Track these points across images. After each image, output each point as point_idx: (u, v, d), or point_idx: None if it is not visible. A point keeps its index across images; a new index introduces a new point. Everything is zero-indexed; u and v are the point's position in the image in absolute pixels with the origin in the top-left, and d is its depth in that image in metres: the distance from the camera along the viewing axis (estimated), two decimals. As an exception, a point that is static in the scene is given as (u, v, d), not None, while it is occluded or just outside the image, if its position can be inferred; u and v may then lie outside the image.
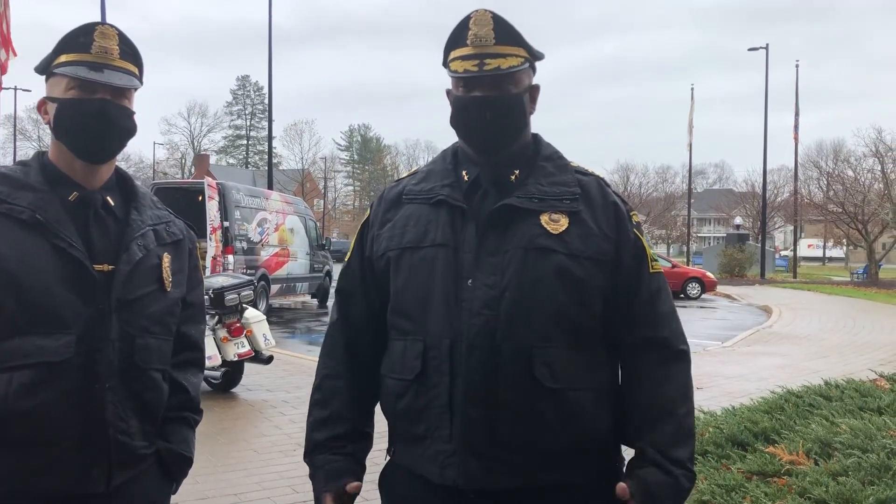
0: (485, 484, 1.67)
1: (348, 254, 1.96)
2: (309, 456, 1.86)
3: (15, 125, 54.67)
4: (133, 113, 1.84)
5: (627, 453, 1.80)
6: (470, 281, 1.70)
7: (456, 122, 1.81)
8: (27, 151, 57.44)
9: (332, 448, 1.83)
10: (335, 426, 1.84)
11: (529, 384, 1.67)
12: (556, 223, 1.74)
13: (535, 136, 1.89)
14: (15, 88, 46.42)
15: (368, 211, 1.94)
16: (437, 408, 1.70)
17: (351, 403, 1.86)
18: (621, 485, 1.69)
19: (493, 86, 1.75)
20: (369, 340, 1.87)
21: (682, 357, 1.81)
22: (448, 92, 1.85)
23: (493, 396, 1.67)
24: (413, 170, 1.95)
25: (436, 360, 1.70)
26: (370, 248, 1.86)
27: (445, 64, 1.81)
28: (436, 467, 1.70)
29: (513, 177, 1.80)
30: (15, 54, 12.10)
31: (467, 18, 1.77)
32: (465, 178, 1.81)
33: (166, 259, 1.87)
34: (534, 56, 1.80)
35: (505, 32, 1.75)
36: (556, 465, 1.71)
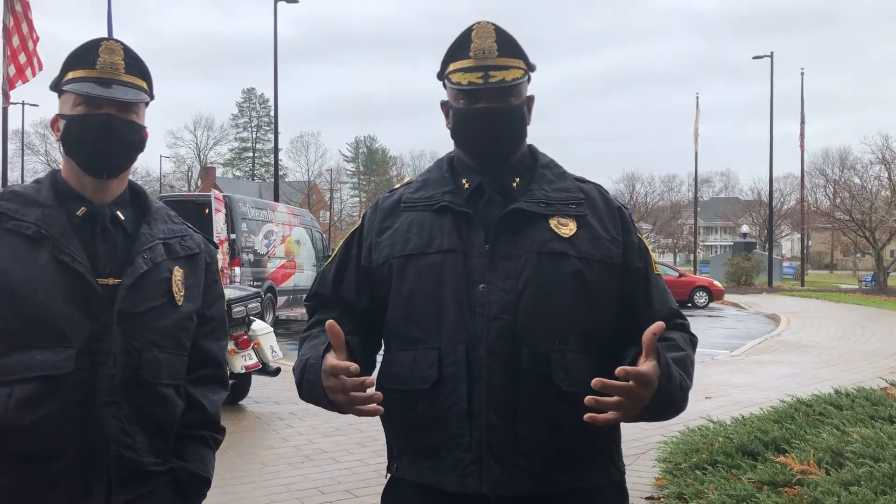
0: (508, 490, 1.66)
1: (328, 262, 1.93)
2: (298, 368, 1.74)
3: (23, 140, 54.98)
4: (142, 128, 1.84)
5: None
6: (482, 286, 1.70)
7: (459, 134, 1.82)
8: (34, 166, 57.79)
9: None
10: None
11: (548, 388, 1.67)
12: (565, 227, 1.75)
13: (531, 146, 1.90)
14: (23, 103, 46.74)
15: (360, 220, 1.91)
16: (456, 416, 1.68)
17: (352, 344, 1.74)
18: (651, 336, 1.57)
19: (497, 97, 1.75)
20: (361, 340, 1.83)
21: (695, 344, 1.84)
22: (444, 104, 1.85)
23: (513, 401, 1.66)
24: (406, 180, 1.94)
25: (452, 367, 1.69)
26: (368, 257, 1.84)
27: (443, 76, 1.81)
28: (455, 476, 1.68)
29: (514, 184, 1.81)
30: (38, 70, 12.19)
31: (469, 30, 1.77)
32: (466, 185, 1.81)
33: (178, 273, 1.85)
34: (530, 67, 1.81)
35: (507, 44, 1.76)
36: (571, 471, 1.71)
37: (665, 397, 1.60)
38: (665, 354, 1.62)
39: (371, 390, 1.61)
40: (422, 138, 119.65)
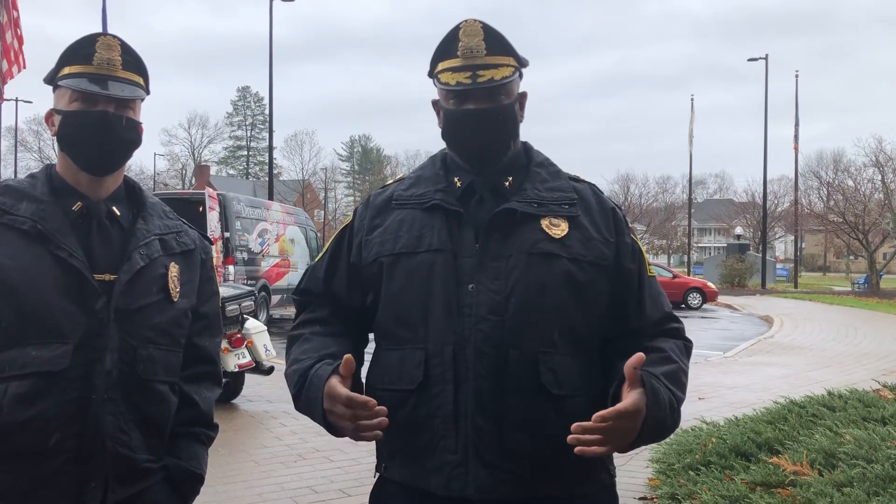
0: (494, 494, 1.65)
1: (319, 257, 1.92)
2: (293, 381, 1.74)
3: (16, 137, 54.75)
4: (138, 124, 1.83)
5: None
6: (472, 286, 1.68)
7: (448, 135, 1.80)
8: (27, 163, 57.54)
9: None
10: (324, 352, 1.73)
11: (536, 391, 1.65)
12: (556, 228, 1.73)
13: (525, 143, 1.87)
14: (16, 100, 46.56)
15: (352, 216, 1.89)
16: (442, 417, 1.66)
17: (349, 352, 1.72)
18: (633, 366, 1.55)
19: (486, 97, 1.72)
20: (354, 336, 1.84)
21: (690, 350, 1.82)
22: (435, 103, 1.83)
23: (500, 404, 1.64)
24: (399, 176, 1.91)
25: (439, 369, 1.67)
26: (357, 254, 1.82)
27: (433, 75, 1.79)
28: (441, 479, 1.66)
29: (507, 183, 1.79)
30: (22, 67, 12.15)
31: (456, 29, 1.74)
32: (458, 184, 1.79)
33: (174, 269, 1.84)
34: (521, 63, 1.78)
35: (495, 42, 1.73)
36: (560, 476, 1.69)
37: (654, 423, 1.59)
38: (651, 379, 1.60)
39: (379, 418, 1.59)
40: (416, 137, 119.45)
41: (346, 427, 1.63)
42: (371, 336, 1.89)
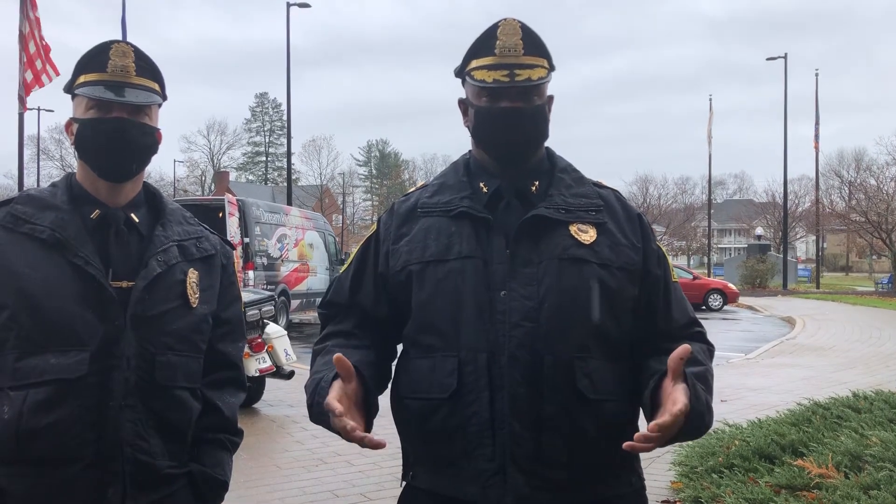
0: (531, 501, 1.64)
1: (344, 268, 1.90)
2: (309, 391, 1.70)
3: (38, 145, 55.40)
4: (155, 129, 1.83)
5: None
6: (504, 292, 1.67)
7: (481, 133, 1.78)
8: (50, 171, 58.29)
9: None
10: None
11: (572, 396, 1.64)
12: (585, 234, 1.73)
13: (548, 148, 1.87)
14: (38, 109, 47.17)
15: (375, 225, 1.88)
16: (477, 425, 1.64)
17: (366, 362, 1.72)
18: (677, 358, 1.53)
19: (520, 97, 1.72)
20: (379, 348, 1.83)
21: (713, 354, 1.82)
22: (462, 101, 1.82)
23: (537, 410, 1.64)
24: (422, 183, 1.90)
25: (472, 376, 1.65)
26: (384, 263, 1.80)
27: (464, 72, 1.77)
28: (477, 488, 1.65)
29: (533, 188, 1.78)
30: (50, 78, 12.32)
31: (494, 27, 1.74)
32: (484, 189, 1.78)
33: (192, 275, 1.84)
34: (552, 66, 1.78)
35: (532, 42, 1.73)
36: (594, 480, 1.69)
37: (697, 419, 1.58)
38: (691, 376, 1.59)
39: (367, 433, 1.56)
40: (434, 142, 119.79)
41: (342, 436, 1.59)
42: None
